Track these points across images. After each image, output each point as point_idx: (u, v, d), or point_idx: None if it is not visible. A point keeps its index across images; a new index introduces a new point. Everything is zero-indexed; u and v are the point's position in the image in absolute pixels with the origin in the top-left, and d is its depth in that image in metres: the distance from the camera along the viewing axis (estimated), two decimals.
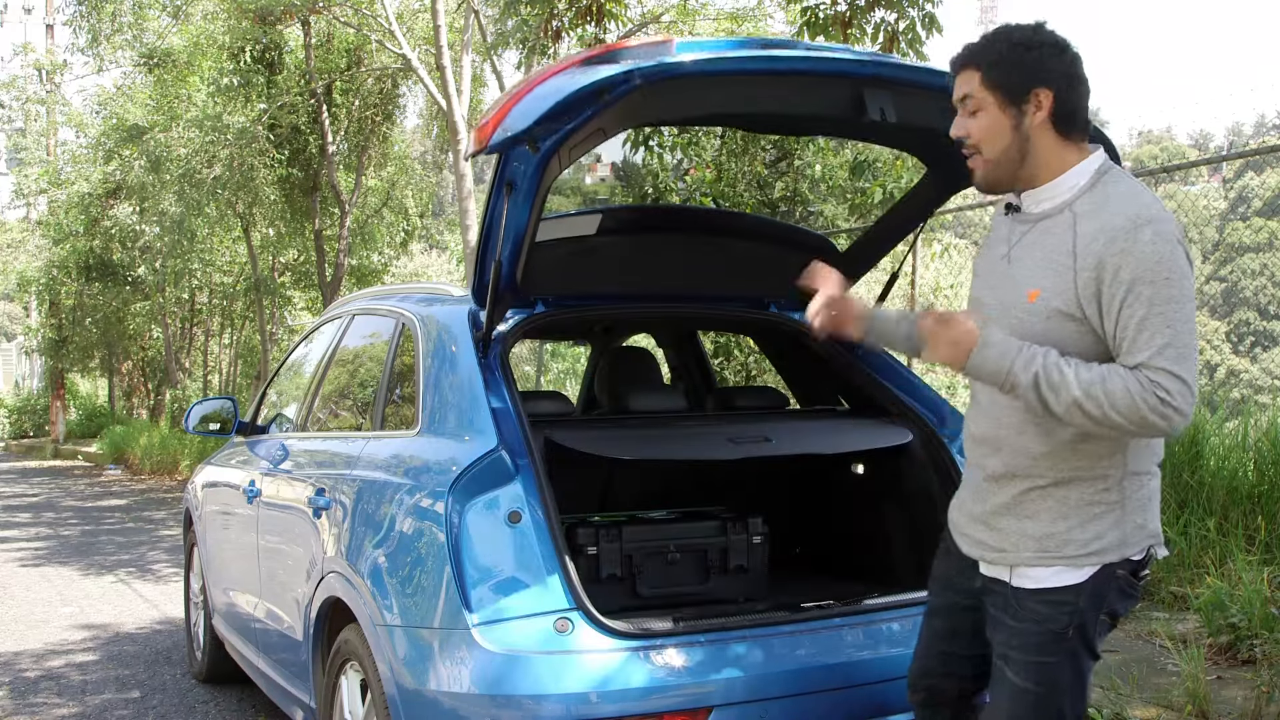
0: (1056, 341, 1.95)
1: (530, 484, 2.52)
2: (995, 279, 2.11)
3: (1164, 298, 1.87)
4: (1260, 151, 8.23)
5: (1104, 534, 2.01)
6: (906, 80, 2.54)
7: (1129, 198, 1.95)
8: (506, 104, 2.32)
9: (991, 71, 2.01)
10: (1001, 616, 2.09)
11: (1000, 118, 2.01)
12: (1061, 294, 1.95)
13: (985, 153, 2.04)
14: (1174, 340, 1.87)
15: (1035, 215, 2.05)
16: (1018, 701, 2.05)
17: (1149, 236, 1.89)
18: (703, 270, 3.32)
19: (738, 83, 2.43)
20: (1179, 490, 5.16)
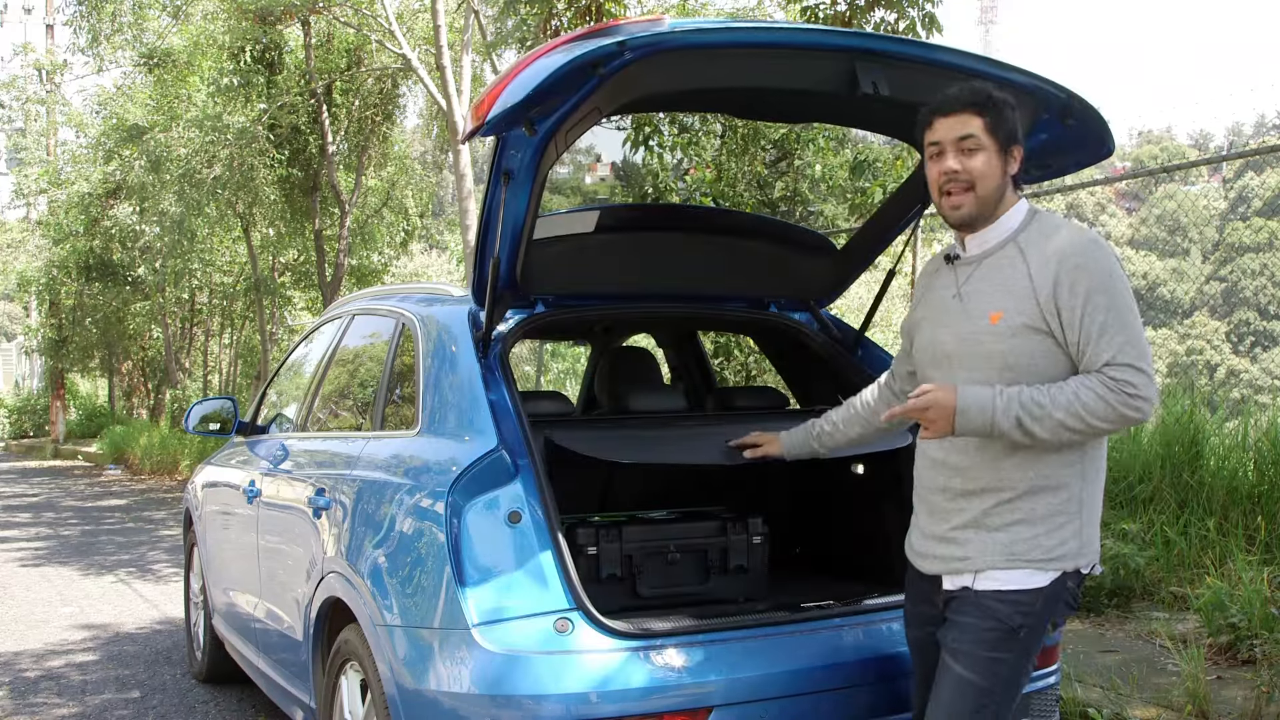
0: (1023, 355, 2.17)
1: (530, 484, 2.52)
2: (949, 317, 2.31)
3: (1117, 305, 2.12)
4: (1260, 151, 8.23)
5: (1067, 541, 2.19)
6: (899, 53, 2.54)
7: (1069, 228, 2.24)
8: (503, 81, 2.33)
9: (994, 122, 2.23)
10: (958, 617, 2.22)
11: (996, 162, 2.24)
12: (1025, 312, 2.17)
13: (980, 190, 2.25)
14: (1130, 339, 2.11)
15: (978, 255, 2.29)
16: (960, 693, 2.18)
17: (1097, 254, 2.16)
18: (703, 270, 3.32)
19: (730, 55, 2.43)
20: (1179, 490, 5.16)
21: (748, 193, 8.92)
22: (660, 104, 3.16)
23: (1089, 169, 3.38)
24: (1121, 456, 5.45)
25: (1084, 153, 2.90)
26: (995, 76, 2.60)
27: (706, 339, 7.55)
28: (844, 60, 2.47)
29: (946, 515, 2.28)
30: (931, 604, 2.34)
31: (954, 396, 2.14)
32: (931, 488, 2.33)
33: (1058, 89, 2.66)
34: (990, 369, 2.20)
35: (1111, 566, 4.69)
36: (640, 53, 2.28)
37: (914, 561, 2.39)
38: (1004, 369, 2.19)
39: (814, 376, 3.59)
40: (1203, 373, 28.64)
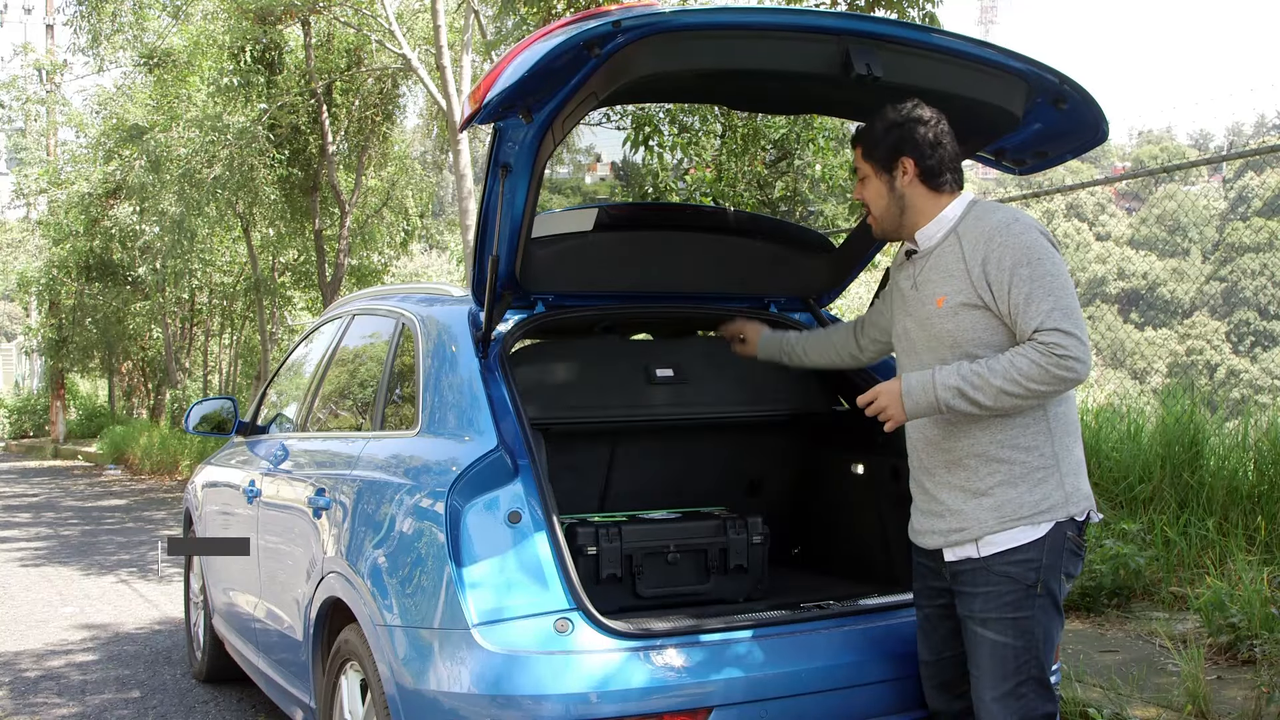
0: (966, 329, 2.36)
1: (530, 484, 2.52)
2: (910, 306, 2.52)
3: (1041, 273, 2.27)
4: (1260, 151, 8.22)
5: (1050, 495, 2.34)
6: (892, 35, 2.54)
7: (997, 210, 2.41)
8: (499, 66, 2.35)
9: (868, 149, 2.50)
10: (973, 588, 2.36)
11: (879, 185, 2.49)
12: (961, 291, 2.36)
13: (874, 211, 2.53)
14: (1057, 304, 2.25)
15: (927, 250, 2.48)
16: (998, 657, 2.32)
17: (1018, 230, 2.33)
18: (703, 269, 3.32)
19: (724, 37, 2.44)
20: (1179, 490, 5.16)
21: (748, 193, 8.92)
22: (656, 90, 3.15)
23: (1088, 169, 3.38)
24: (1121, 456, 5.45)
25: (1078, 139, 2.91)
26: (988, 60, 2.61)
27: None
28: (838, 42, 2.47)
29: (935, 490, 2.44)
30: (936, 578, 2.48)
31: (898, 382, 2.37)
32: (918, 467, 2.51)
33: (1050, 73, 2.66)
34: (943, 348, 2.41)
35: (1111, 566, 4.69)
36: (635, 34, 2.29)
37: (915, 540, 2.53)
38: (953, 346, 2.39)
39: (814, 376, 3.59)
40: (1203, 373, 28.64)
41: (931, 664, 2.54)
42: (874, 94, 2.72)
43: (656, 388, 3.41)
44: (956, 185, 2.48)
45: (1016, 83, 2.67)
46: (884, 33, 2.53)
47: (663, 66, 2.43)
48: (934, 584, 2.50)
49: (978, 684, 2.36)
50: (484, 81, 2.38)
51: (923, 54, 2.56)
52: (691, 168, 8.82)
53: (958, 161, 2.50)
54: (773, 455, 3.66)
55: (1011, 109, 2.71)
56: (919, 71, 2.55)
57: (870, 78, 2.47)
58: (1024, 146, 2.99)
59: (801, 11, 2.57)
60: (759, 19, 2.45)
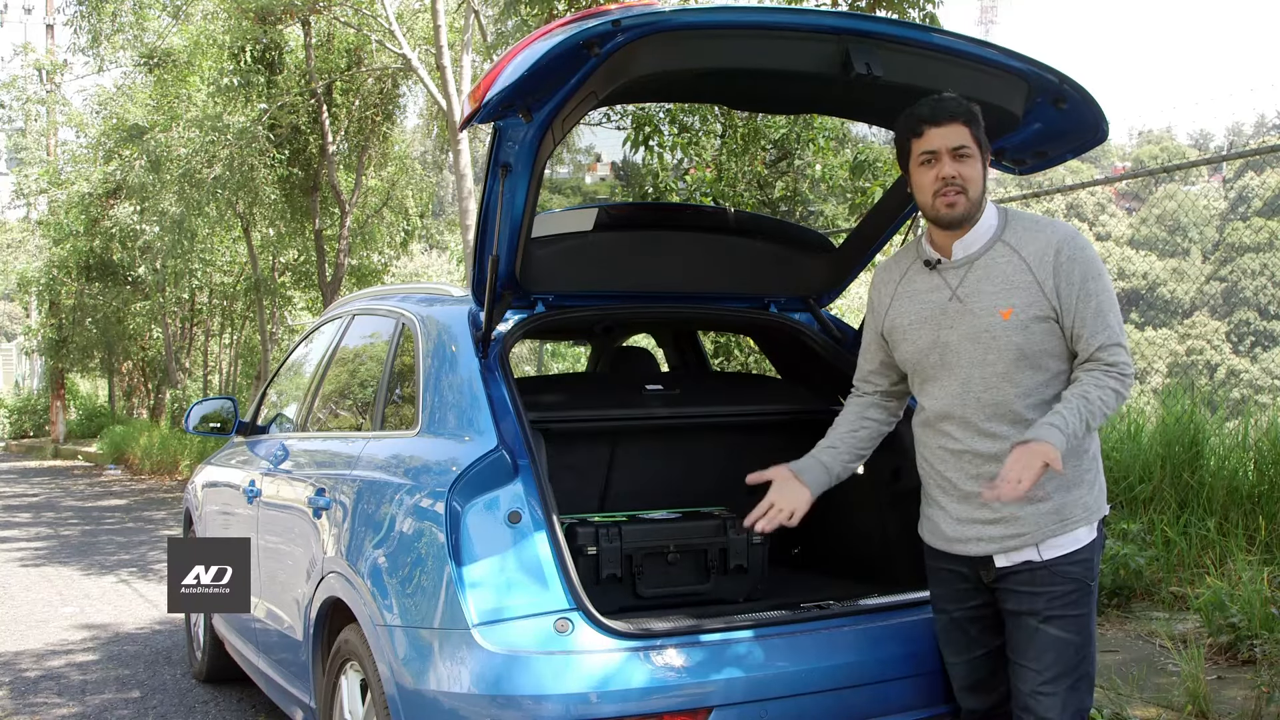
0: (1037, 341, 2.36)
1: (530, 484, 2.52)
2: (950, 319, 2.44)
3: (1103, 289, 2.37)
4: (1260, 151, 8.23)
5: (1097, 497, 2.43)
6: (892, 34, 2.54)
7: (1050, 223, 2.44)
8: (499, 65, 2.35)
9: (978, 130, 2.41)
10: (1034, 588, 2.37)
11: (981, 169, 2.43)
12: (1034, 304, 2.36)
13: (971, 194, 2.41)
14: (1115, 321, 2.37)
15: (966, 258, 2.43)
16: (1063, 654, 2.35)
17: (1081, 243, 2.39)
18: (703, 270, 3.32)
19: (724, 36, 2.44)
20: (1179, 490, 5.15)
21: (748, 193, 8.92)
22: (656, 89, 3.14)
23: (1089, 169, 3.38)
24: (1121, 456, 5.45)
25: (1078, 139, 2.91)
26: (988, 59, 2.61)
27: (706, 339, 7.54)
28: (837, 42, 2.47)
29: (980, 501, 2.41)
30: (970, 582, 2.47)
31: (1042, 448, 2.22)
32: (962, 476, 2.44)
33: (1050, 72, 2.67)
34: (1006, 360, 2.37)
35: (1111, 566, 4.69)
36: (634, 33, 2.29)
37: (951, 548, 2.48)
38: (1019, 358, 2.37)
39: (814, 376, 3.59)
40: (1203, 373, 28.62)
41: (961, 665, 2.54)
42: (875, 94, 2.72)
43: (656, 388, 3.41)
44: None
45: (1016, 83, 2.68)
46: (884, 32, 2.53)
47: (662, 66, 2.42)
48: (962, 586, 2.49)
49: (1032, 678, 2.36)
50: (484, 81, 2.38)
51: (923, 53, 2.56)
52: (691, 168, 8.82)
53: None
54: (773, 455, 3.65)
55: (1011, 109, 2.71)
56: (919, 71, 2.55)
57: (870, 77, 2.47)
58: (1024, 146, 2.99)
59: (801, 11, 2.57)
60: (759, 18, 2.45)
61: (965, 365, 2.41)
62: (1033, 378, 2.37)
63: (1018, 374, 2.37)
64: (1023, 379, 2.37)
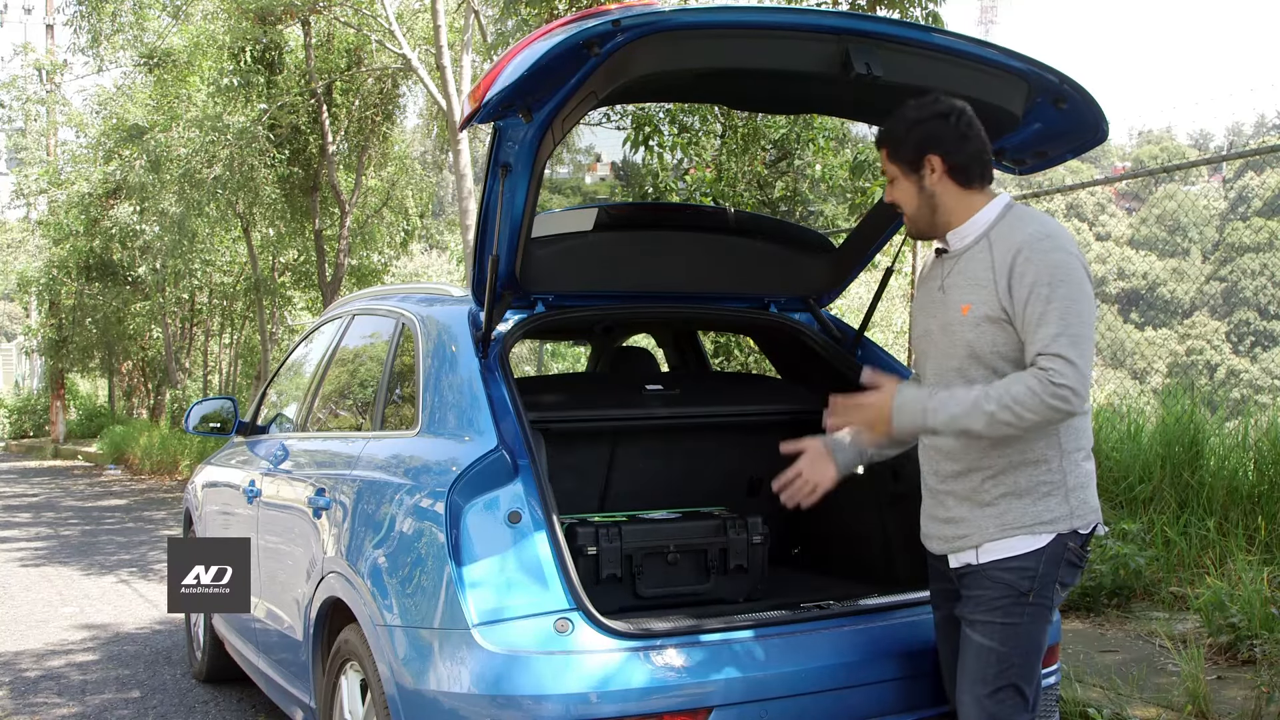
0: (987, 342, 2.31)
1: (530, 484, 2.52)
2: (934, 308, 2.45)
3: (1059, 295, 2.21)
4: (1260, 151, 8.23)
5: (1054, 509, 2.31)
6: (891, 34, 2.54)
7: (1032, 219, 2.34)
8: (499, 65, 2.36)
9: (893, 149, 2.42)
10: (970, 591, 2.36)
11: (907, 185, 2.41)
12: (987, 303, 2.31)
13: (907, 213, 2.45)
14: (1065, 330, 2.19)
15: (958, 250, 2.41)
16: (982, 660, 2.31)
17: (1048, 246, 2.27)
18: (703, 269, 3.32)
19: (724, 36, 2.44)
20: (1179, 490, 5.16)
21: (748, 193, 8.92)
22: (655, 89, 3.14)
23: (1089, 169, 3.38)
24: (1121, 456, 5.45)
25: (1078, 139, 2.91)
26: (988, 59, 2.61)
27: (706, 339, 7.54)
28: (837, 42, 2.47)
29: (942, 498, 2.43)
30: (949, 581, 2.47)
31: (888, 396, 2.34)
32: (928, 473, 2.50)
33: (1050, 72, 2.67)
34: (960, 356, 2.37)
35: (1111, 566, 4.69)
36: (634, 33, 2.29)
37: (926, 545, 2.53)
38: (970, 356, 2.34)
39: (814, 376, 3.59)
40: (1203, 373, 28.62)
41: (951, 663, 2.54)
42: (874, 94, 2.72)
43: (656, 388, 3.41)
44: (989, 180, 2.42)
45: (1017, 82, 2.68)
46: (884, 32, 2.53)
47: (662, 66, 2.43)
48: (945, 586, 2.51)
49: (960, 683, 2.36)
50: (484, 81, 2.38)
51: (923, 53, 2.56)
52: (691, 168, 8.82)
53: (988, 155, 2.41)
54: (773, 455, 3.64)
55: (1012, 109, 2.71)
56: (919, 71, 2.55)
57: (870, 77, 2.47)
58: (1024, 146, 2.99)
59: (801, 11, 2.57)
60: (759, 18, 2.45)
61: (936, 356, 2.44)
62: (986, 379, 2.31)
63: (970, 371, 2.33)
64: (976, 377, 2.33)
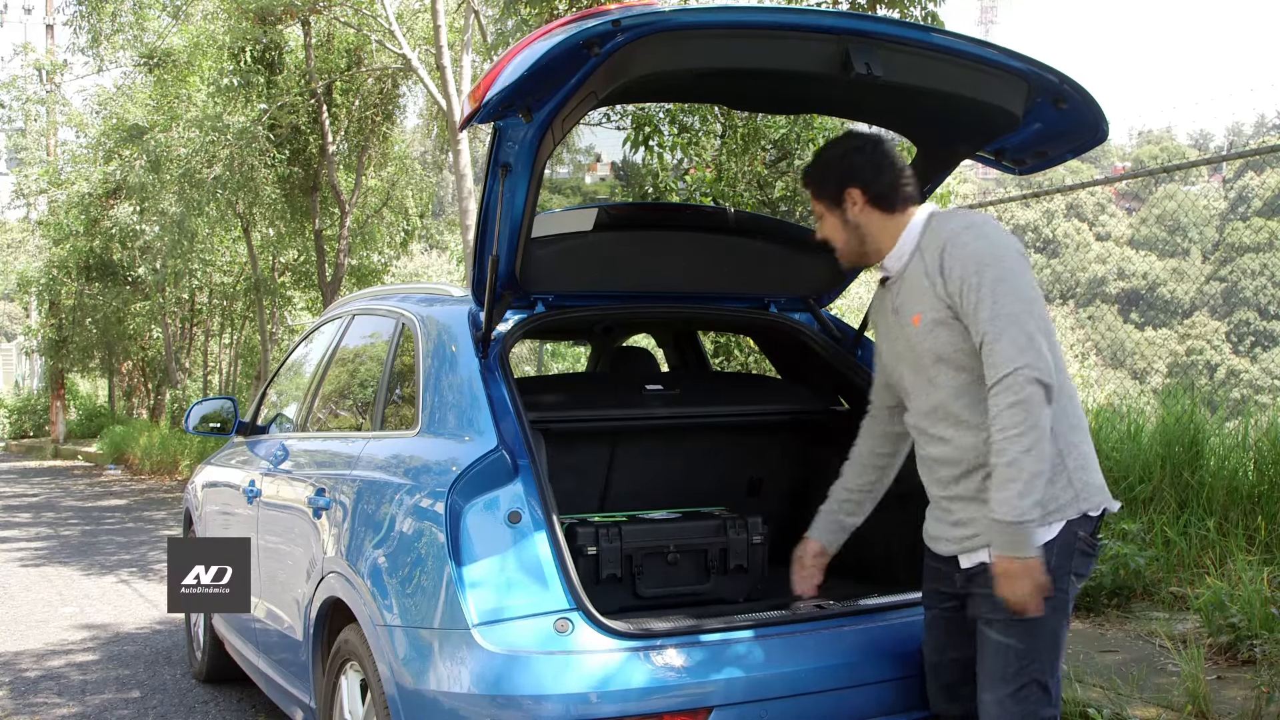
0: (945, 344, 2.35)
1: (530, 484, 2.52)
2: (894, 331, 2.50)
3: (987, 279, 2.26)
4: (1260, 151, 8.24)
5: (1059, 495, 2.30)
6: (891, 34, 2.54)
7: (952, 217, 2.41)
8: (499, 65, 2.36)
9: (816, 189, 2.53)
10: (984, 590, 2.33)
11: (832, 220, 2.51)
12: (933, 307, 2.36)
13: (837, 246, 2.54)
14: (999, 310, 2.23)
15: (898, 271, 2.48)
16: (1003, 659, 2.31)
17: (967, 238, 2.33)
18: (703, 270, 3.32)
19: (724, 36, 2.44)
20: (1179, 490, 5.15)
21: (748, 193, 8.91)
22: (656, 89, 3.14)
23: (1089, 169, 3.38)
24: (1121, 456, 5.45)
25: (1078, 139, 2.91)
26: (988, 59, 2.61)
27: (706, 339, 7.54)
28: (837, 42, 2.47)
29: (948, 505, 2.42)
30: (947, 582, 2.47)
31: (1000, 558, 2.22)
32: (929, 484, 2.49)
33: (1050, 72, 2.66)
34: (927, 364, 2.40)
35: (1111, 566, 4.69)
36: (634, 33, 2.29)
37: (930, 545, 2.52)
38: (937, 360, 2.37)
39: (814, 376, 3.59)
40: (1203, 373, 28.62)
41: (935, 665, 2.55)
42: (874, 94, 2.72)
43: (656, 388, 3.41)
44: (912, 200, 2.48)
45: (1016, 82, 2.68)
46: (884, 32, 2.53)
47: (662, 66, 2.43)
48: (942, 587, 2.50)
49: (981, 684, 2.36)
50: (484, 81, 2.38)
51: (922, 53, 2.56)
52: (691, 168, 8.81)
53: (907, 177, 2.48)
54: (773, 455, 3.66)
55: (1011, 109, 2.71)
56: (919, 71, 2.55)
57: (870, 77, 2.47)
58: (1024, 146, 2.99)
59: (801, 11, 2.57)
60: (759, 18, 2.45)
61: (909, 374, 2.47)
62: (957, 378, 2.34)
63: (942, 376, 2.37)
64: (948, 380, 2.36)
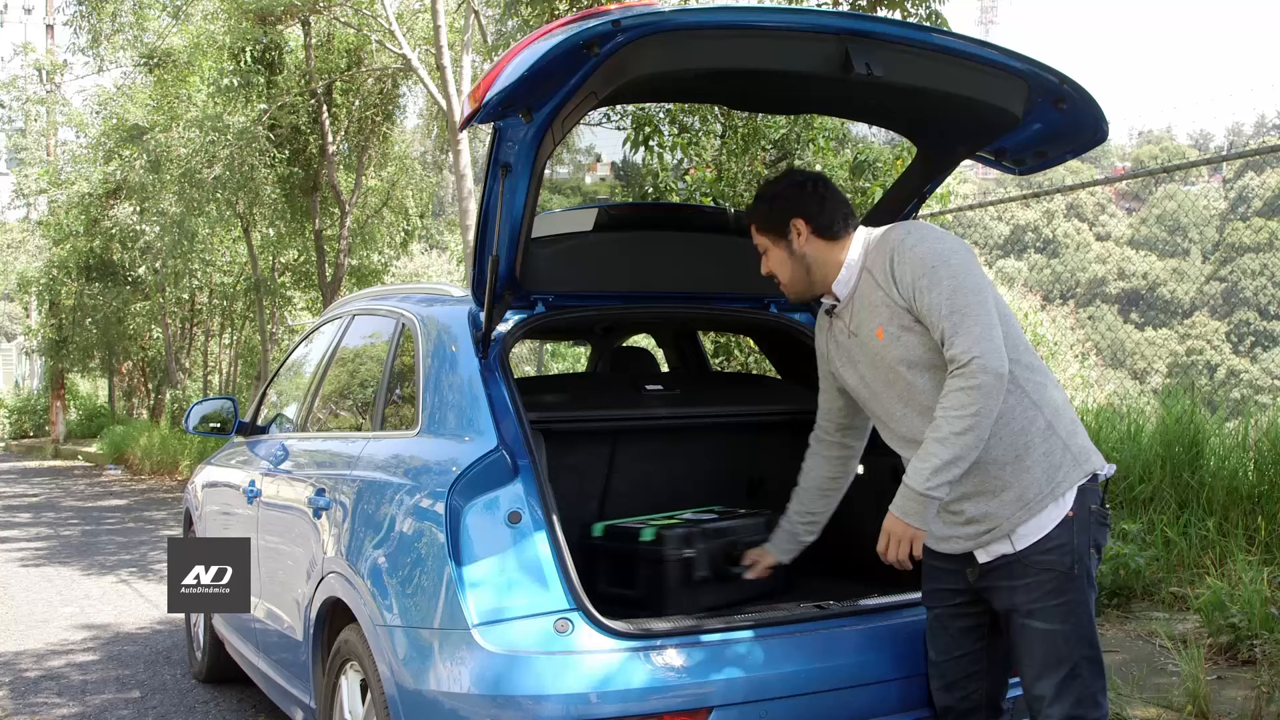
0: (914, 349, 2.40)
1: (530, 484, 2.52)
2: (853, 354, 2.56)
3: (939, 278, 2.33)
4: (1260, 151, 8.24)
5: (1061, 463, 2.37)
6: (892, 35, 2.54)
7: (892, 230, 2.49)
8: (499, 65, 2.35)
9: (760, 223, 2.62)
10: (1013, 583, 2.37)
11: (778, 253, 2.59)
12: (894, 316, 2.42)
13: (783, 279, 2.61)
14: (952, 308, 2.31)
15: (848, 295, 2.55)
16: (1051, 644, 2.34)
17: (910, 243, 2.41)
18: (703, 269, 3.32)
19: (724, 36, 2.44)
20: (1179, 490, 5.16)
21: (748, 193, 8.91)
22: (656, 89, 3.14)
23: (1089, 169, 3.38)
24: (1122, 457, 5.45)
25: (1078, 139, 2.91)
26: (988, 59, 2.61)
27: (706, 339, 7.54)
28: (837, 42, 2.47)
29: (953, 506, 2.42)
30: (954, 580, 2.49)
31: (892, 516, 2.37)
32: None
33: (1050, 73, 2.66)
34: (900, 374, 2.44)
35: (1111, 566, 4.69)
36: (634, 34, 2.29)
37: (935, 546, 2.52)
38: (909, 366, 2.42)
39: (814, 376, 3.59)
40: (1203, 373, 28.61)
41: (940, 664, 2.56)
42: (874, 93, 2.72)
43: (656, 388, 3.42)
44: (851, 227, 2.57)
45: (1016, 83, 2.67)
46: (883, 32, 2.53)
47: (662, 66, 2.43)
48: (948, 585, 2.51)
49: (1030, 674, 2.37)
50: (484, 81, 2.38)
51: (922, 54, 2.56)
52: (691, 168, 8.81)
53: (846, 206, 2.58)
54: (773, 455, 3.66)
55: (1011, 109, 2.71)
56: (919, 71, 2.55)
57: (870, 77, 2.47)
58: (1024, 146, 2.99)
59: (801, 11, 2.57)
60: (759, 18, 2.45)
61: (881, 389, 2.51)
62: (934, 377, 2.39)
63: (917, 380, 2.41)
64: (923, 383, 2.40)
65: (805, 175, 2.64)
